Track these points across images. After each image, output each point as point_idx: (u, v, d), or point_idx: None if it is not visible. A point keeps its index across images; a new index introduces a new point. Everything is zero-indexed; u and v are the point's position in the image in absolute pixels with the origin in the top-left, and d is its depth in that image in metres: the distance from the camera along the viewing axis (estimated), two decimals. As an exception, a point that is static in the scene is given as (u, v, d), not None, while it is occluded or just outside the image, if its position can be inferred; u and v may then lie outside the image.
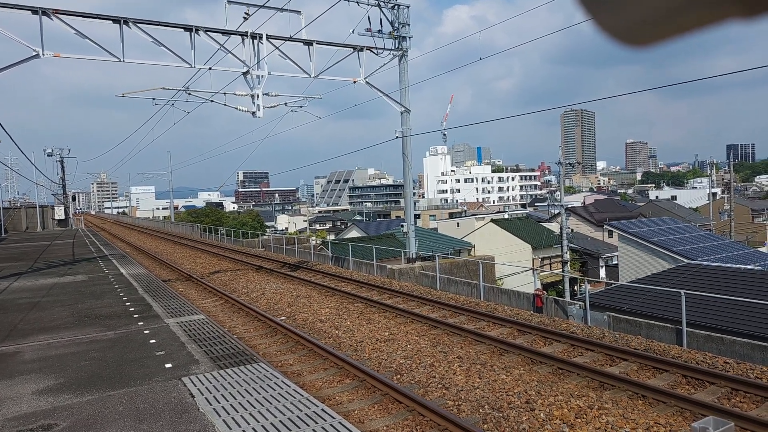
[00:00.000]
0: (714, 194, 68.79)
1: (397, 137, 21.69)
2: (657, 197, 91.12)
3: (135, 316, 10.49)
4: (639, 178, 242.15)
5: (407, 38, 21.27)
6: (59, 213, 58.12)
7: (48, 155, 64.18)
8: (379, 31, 20.76)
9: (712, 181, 71.41)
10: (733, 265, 19.39)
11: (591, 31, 0.63)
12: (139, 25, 16.48)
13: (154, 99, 21.95)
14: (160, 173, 73.48)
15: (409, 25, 21.28)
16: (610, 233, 40.05)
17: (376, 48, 20.78)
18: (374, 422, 7.43)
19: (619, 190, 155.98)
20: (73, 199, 73.86)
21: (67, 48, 17.76)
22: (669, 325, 11.55)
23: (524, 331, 11.75)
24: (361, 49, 20.65)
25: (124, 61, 16.30)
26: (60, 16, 15.34)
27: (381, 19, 20.81)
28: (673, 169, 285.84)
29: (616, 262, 36.29)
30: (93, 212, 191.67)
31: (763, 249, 33.03)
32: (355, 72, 20.83)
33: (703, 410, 7.24)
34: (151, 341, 8.49)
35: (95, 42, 15.81)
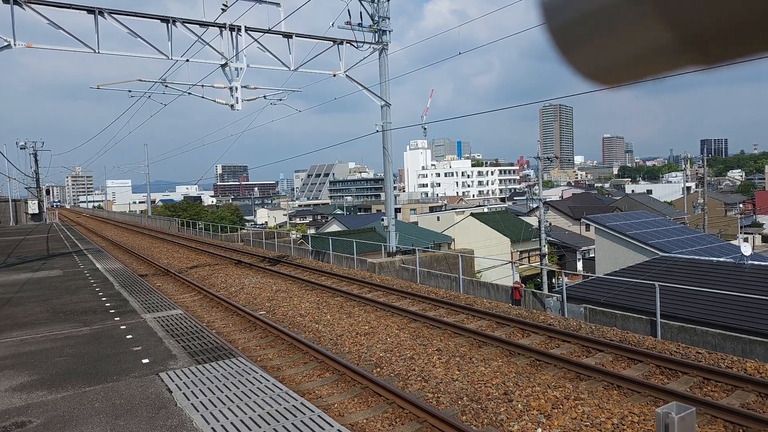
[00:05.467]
0: (688, 188, 70.19)
1: (377, 131, 21.66)
2: (633, 191, 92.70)
3: (111, 311, 10.34)
4: (615, 172, 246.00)
5: (387, 32, 21.19)
6: (33, 207, 56.84)
7: (21, 148, 62.59)
8: (359, 25, 20.64)
9: (686, 175, 72.79)
10: (706, 258, 19.84)
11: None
12: (114, 15, 16.13)
13: (130, 91, 21.57)
14: (137, 166, 72.08)
15: (389, 18, 21.20)
16: (587, 227, 40.62)
17: (356, 41, 20.67)
18: (354, 415, 7.46)
19: (596, 185, 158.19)
20: (47, 192, 72.31)
21: (41, 38, 17.34)
22: (644, 317, 11.79)
23: (503, 324, 11.89)
24: (341, 43, 20.52)
25: (99, 53, 15.96)
26: (32, 5, 14.93)
27: (361, 12, 20.71)
28: (648, 163, 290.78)
29: (592, 255, 36.88)
30: (68, 206, 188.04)
31: (734, 242, 33.82)
32: (335, 65, 20.73)
33: (675, 399, 7.42)
34: (128, 337, 8.38)
35: (69, 32, 15.46)
